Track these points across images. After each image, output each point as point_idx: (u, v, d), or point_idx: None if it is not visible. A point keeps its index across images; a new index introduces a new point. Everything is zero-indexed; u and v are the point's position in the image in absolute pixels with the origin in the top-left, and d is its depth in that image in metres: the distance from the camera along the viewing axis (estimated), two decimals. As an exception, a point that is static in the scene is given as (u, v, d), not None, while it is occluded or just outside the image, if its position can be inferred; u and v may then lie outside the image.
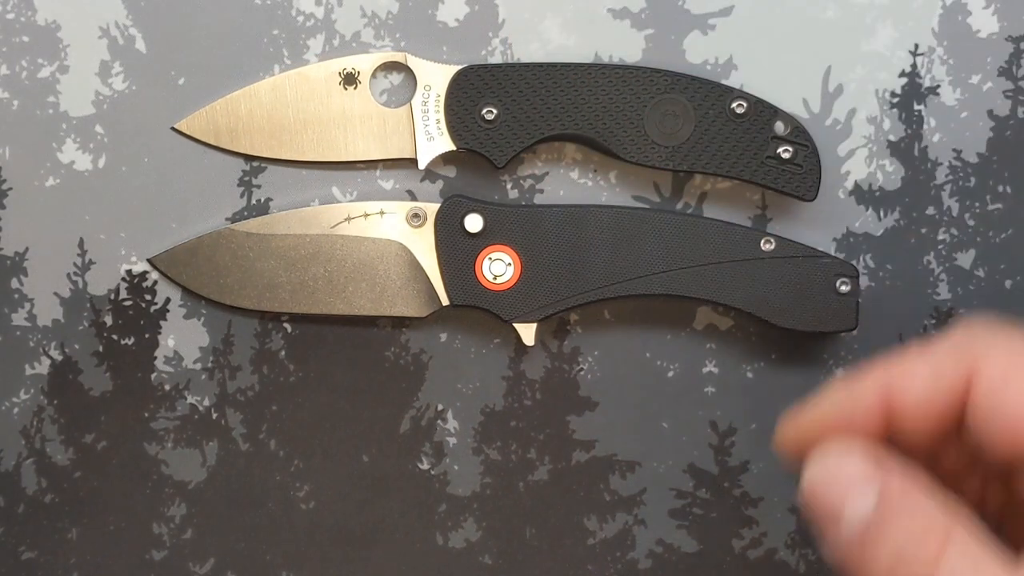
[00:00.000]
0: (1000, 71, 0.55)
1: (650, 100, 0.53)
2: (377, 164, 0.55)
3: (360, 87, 0.54)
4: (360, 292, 0.54)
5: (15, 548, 0.56)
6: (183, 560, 0.56)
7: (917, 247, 0.56)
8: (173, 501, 0.56)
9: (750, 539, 0.57)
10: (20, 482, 0.56)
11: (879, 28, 0.55)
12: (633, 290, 0.53)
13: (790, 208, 0.55)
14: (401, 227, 0.54)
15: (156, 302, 0.55)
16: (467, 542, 0.56)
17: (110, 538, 0.56)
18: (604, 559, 0.56)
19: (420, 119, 0.54)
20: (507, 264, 0.53)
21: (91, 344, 0.55)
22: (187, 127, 0.55)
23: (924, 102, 0.55)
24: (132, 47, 0.55)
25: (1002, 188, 0.55)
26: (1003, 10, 0.55)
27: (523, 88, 0.53)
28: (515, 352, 0.56)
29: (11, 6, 0.54)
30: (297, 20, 0.55)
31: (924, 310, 0.56)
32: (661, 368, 0.56)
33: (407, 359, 0.56)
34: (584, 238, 0.53)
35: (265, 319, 0.56)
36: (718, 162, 0.53)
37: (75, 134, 0.55)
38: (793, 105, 0.55)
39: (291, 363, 0.56)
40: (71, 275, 0.55)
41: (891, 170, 0.55)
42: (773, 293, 0.53)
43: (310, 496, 0.56)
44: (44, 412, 0.55)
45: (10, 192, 0.55)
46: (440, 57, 0.55)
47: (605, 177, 0.55)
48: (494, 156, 0.54)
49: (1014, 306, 0.56)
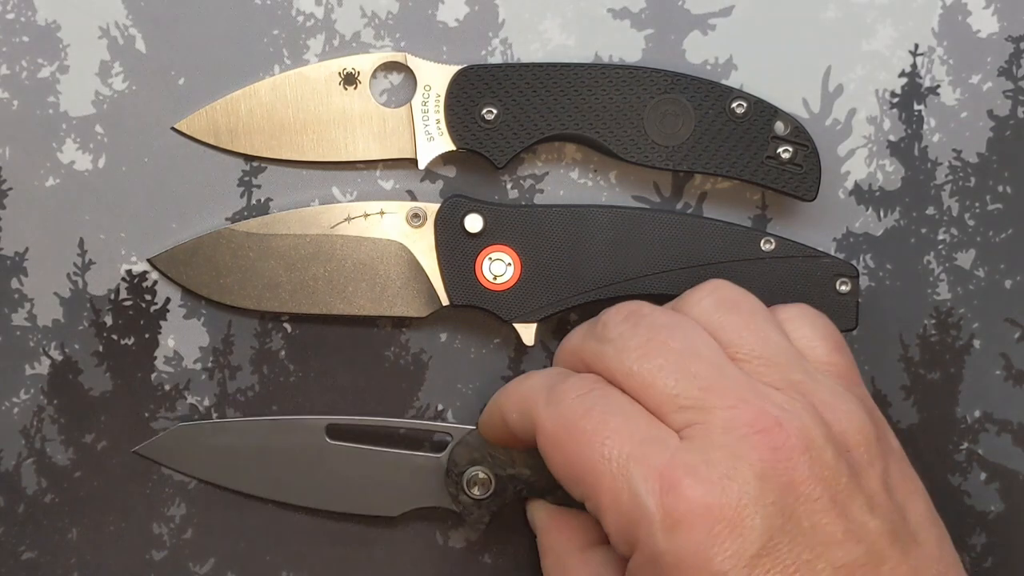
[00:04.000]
0: (1000, 71, 0.55)
1: (650, 100, 0.53)
2: (377, 164, 0.55)
3: (360, 87, 0.54)
4: (360, 292, 0.54)
5: (15, 548, 0.56)
6: (183, 560, 0.56)
7: (917, 247, 0.56)
8: (173, 501, 0.56)
9: (750, 539, 0.56)
10: (20, 482, 0.56)
11: (879, 28, 0.55)
12: (633, 290, 0.53)
13: (790, 208, 0.55)
14: (401, 227, 0.54)
15: (156, 302, 0.55)
16: (467, 542, 0.56)
17: (110, 538, 0.56)
18: (604, 559, 0.56)
19: (420, 119, 0.54)
20: (507, 264, 0.53)
21: (91, 344, 0.55)
22: (187, 127, 0.55)
23: (924, 102, 0.55)
24: (132, 47, 0.55)
25: (1002, 188, 0.55)
26: (1003, 10, 0.55)
27: (523, 88, 0.53)
28: (515, 352, 0.56)
29: (11, 6, 0.54)
30: (297, 20, 0.55)
31: (924, 310, 0.56)
32: (661, 368, 0.56)
33: (407, 359, 0.56)
34: (584, 238, 0.53)
35: (265, 319, 0.56)
36: (718, 162, 0.53)
37: (75, 134, 0.55)
38: (793, 105, 0.55)
39: (291, 363, 0.56)
40: (71, 275, 0.55)
41: (891, 170, 0.55)
42: (773, 293, 0.53)
43: (310, 496, 0.56)
44: (44, 412, 0.55)
45: (10, 192, 0.55)
46: (440, 57, 0.55)
47: (605, 177, 0.55)
48: (494, 156, 0.54)
49: (1014, 306, 0.56)
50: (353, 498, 0.54)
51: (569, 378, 0.46)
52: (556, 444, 0.45)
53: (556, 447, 0.45)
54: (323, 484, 0.54)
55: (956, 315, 0.56)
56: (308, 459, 0.54)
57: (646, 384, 0.44)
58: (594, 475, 0.43)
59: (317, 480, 0.54)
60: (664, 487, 0.42)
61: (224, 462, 0.54)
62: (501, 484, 0.52)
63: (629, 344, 0.45)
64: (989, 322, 0.56)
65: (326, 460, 0.54)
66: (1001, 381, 0.56)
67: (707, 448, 0.42)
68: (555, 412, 0.45)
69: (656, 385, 0.44)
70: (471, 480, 0.52)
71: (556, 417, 0.45)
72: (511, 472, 0.52)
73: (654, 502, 0.42)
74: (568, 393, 0.46)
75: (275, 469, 0.54)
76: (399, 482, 0.53)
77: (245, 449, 0.54)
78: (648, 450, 0.43)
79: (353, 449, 0.54)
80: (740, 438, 0.42)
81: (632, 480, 0.42)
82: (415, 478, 0.53)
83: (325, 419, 0.54)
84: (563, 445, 0.45)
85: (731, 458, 0.42)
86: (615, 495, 0.43)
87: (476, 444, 0.52)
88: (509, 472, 0.52)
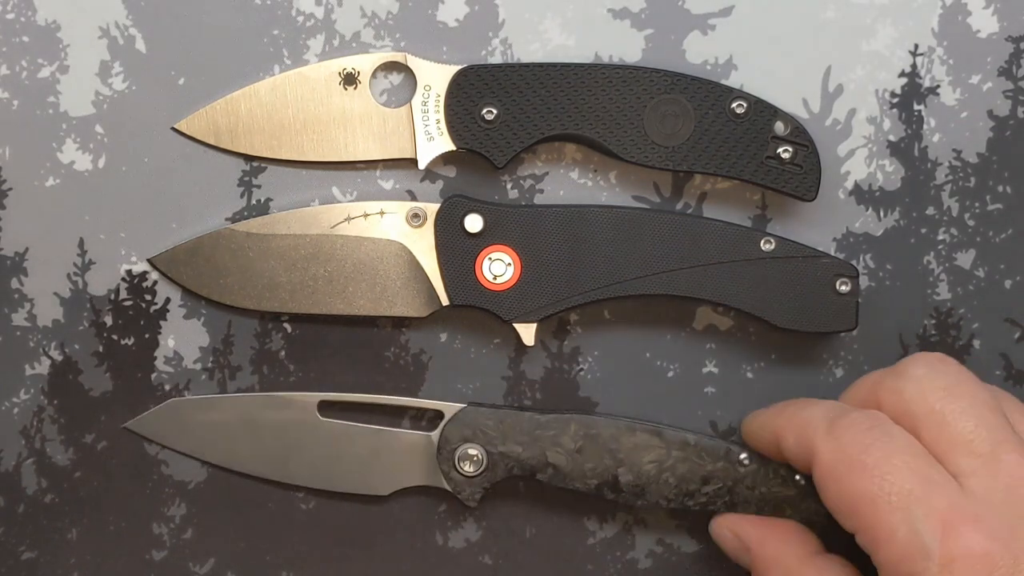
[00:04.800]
0: (1000, 71, 0.55)
1: (650, 100, 0.53)
2: (377, 164, 0.55)
3: (360, 87, 0.54)
4: (360, 292, 0.54)
5: (15, 548, 0.56)
6: (183, 560, 0.56)
7: (917, 247, 0.56)
8: (173, 501, 0.56)
9: (750, 539, 0.57)
10: (20, 482, 0.56)
11: (879, 28, 0.55)
12: (633, 290, 0.53)
13: (790, 208, 0.55)
14: (401, 227, 0.54)
15: (156, 302, 0.55)
16: (467, 542, 0.56)
17: (110, 538, 0.56)
18: (604, 559, 0.56)
19: (420, 119, 0.54)
20: (507, 264, 0.53)
21: (91, 344, 0.55)
22: (187, 127, 0.55)
23: (924, 102, 0.55)
24: (132, 47, 0.55)
25: (1002, 188, 0.55)
26: (1003, 10, 0.55)
27: (523, 88, 0.53)
28: (515, 352, 0.56)
29: (11, 6, 0.54)
30: (297, 20, 0.55)
31: (924, 310, 0.56)
32: (661, 368, 0.56)
33: (407, 359, 0.56)
34: (584, 238, 0.53)
35: (265, 319, 0.56)
36: (718, 162, 0.53)
37: (75, 134, 0.55)
38: (793, 105, 0.55)
39: (291, 363, 0.56)
40: (71, 275, 0.55)
41: (891, 170, 0.55)
42: (773, 293, 0.53)
43: (310, 496, 0.56)
44: (44, 412, 0.55)
45: (10, 192, 0.55)
46: (440, 57, 0.55)
47: (605, 177, 0.55)
48: (494, 156, 0.54)
49: (1014, 306, 0.56)
50: (344, 476, 0.54)
51: (851, 412, 0.48)
52: (834, 476, 0.47)
53: (833, 479, 0.47)
54: (314, 461, 0.54)
55: (956, 315, 0.56)
56: (299, 436, 0.54)
57: (943, 424, 0.46)
58: (872, 509, 0.45)
59: (308, 457, 0.54)
60: (945, 529, 0.44)
61: (215, 438, 0.54)
62: (492, 460, 0.53)
63: (936, 383, 0.48)
64: (989, 322, 0.56)
65: (317, 437, 0.54)
66: (1001, 381, 0.56)
67: (990, 499, 0.45)
68: (835, 445, 0.47)
69: (954, 427, 0.46)
70: (463, 456, 0.53)
71: (836, 450, 0.47)
72: (502, 449, 0.53)
73: (934, 542, 0.44)
74: (850, 428, 0.47)
75: (266, 446, 0.54)
76: (390, 460, 0.54)
77: (236, 425, 0.54)
78: (930, 490, 0.45)
79: (345, 426, 0.54)
80: (1021, 498, 0.45)
81: (913, 518, 0.44)
82: (406, 456, 0.54)
83: (317, 395, 0.54)
84: (841, 478, 0.46)
85: (1014, 516, 0.44)
86: (892, 530, 0.44)
87: (468, 421, 0.53)
88: (500, 449, 0.53)
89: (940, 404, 0.47)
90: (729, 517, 0.53)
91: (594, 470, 0.53)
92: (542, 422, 0.53)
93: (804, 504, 0.52)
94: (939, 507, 0.44)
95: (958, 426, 0.46)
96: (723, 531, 0.53)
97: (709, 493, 0.53)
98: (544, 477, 0.53)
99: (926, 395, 0.47)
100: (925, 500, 0.44)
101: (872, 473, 0.45)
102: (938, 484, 0.45)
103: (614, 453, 0.53)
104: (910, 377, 0.48)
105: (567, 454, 0.53)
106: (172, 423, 0.55)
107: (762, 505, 0.52)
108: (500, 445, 0.53)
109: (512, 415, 0.53)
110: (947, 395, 0.47)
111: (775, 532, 0.52)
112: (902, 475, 0.45)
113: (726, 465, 0.53)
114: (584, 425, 0.53)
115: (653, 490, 0.53)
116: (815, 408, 0.50)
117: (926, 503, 0.44)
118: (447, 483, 0.54)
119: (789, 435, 0.50)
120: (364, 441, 0.54)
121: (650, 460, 0.53)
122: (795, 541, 0.52)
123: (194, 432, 0.55)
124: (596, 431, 0.53)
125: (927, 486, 0.45)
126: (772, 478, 0.52)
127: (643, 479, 0.53)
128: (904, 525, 0.44)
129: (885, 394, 0.48)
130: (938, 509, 0.44)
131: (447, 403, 0.54)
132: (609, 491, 0.53)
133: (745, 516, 0.53)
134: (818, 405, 0.50)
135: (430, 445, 0.54)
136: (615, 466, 0.53)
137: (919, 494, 0.44)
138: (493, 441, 0.53)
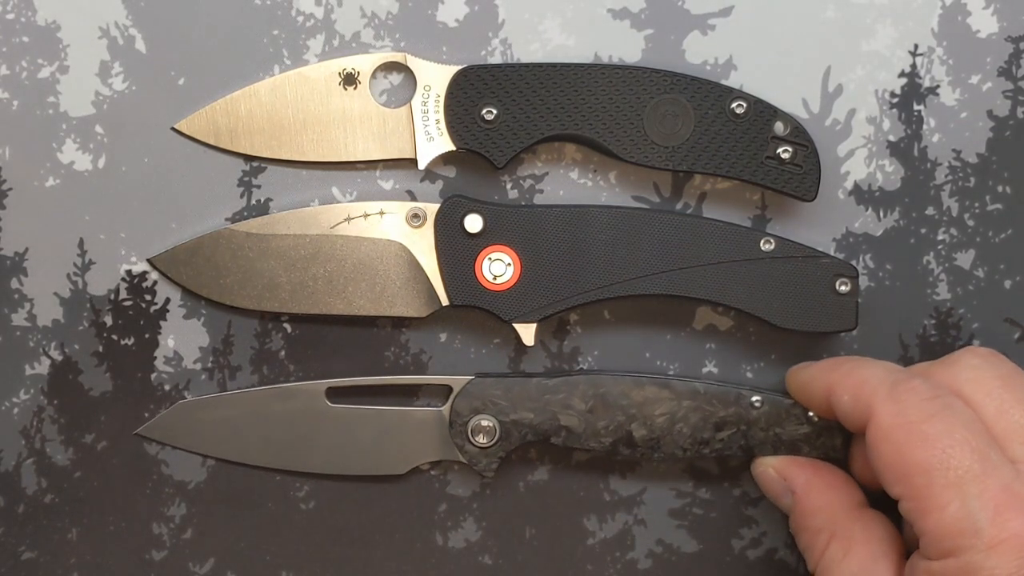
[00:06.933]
0: (1000, 71, 0.55)
1: (650, 100, 0.53)
2: (377, 164, 0.55)
3: (360, 87, 0.54)
4: (360, 292, 0.54)
5: (15, 548, 0.56)
6: (183, 560, 0.56)
7: (917, 247, 0.56)
8: (173, 501, 0.56)
9: (750, 539, 0.57)
10: (20, 482, 0.56)
11: (879, 28, 0.55)
12: (633, 290, 0.53)
13: (790, 208, 0.55)
14: (401, 227, 0.54)
15: (156, 302, 0.55)
16: (467, 542, 0.56)
17: (110, 538, 0.56)
18: (604, 559, 0.56)
19: (420, 119, 0.54)
20: (507, 264, 0.53)
21: (91, 344, 0.55)
22: (187, 127, 0.55)
23: (924, 102, 0.55)
24: (132, 47, 0.55)
25: (1002, 188, 0.55)
26: (1003, 10, 0.55)
27: (523, 88, 0.53)
28: (515, 352, 0.56)
29: (11, 6, 0.54)
30: (297, 20, 0.55)
31: (924, 310, 0.56)
32: (661, 368, 0.56)
33: (407, 359, 0.56)
34: (584, 238, 0.53)
35: (265, 319, 0.56)
36: (718, 162, 0.53)
37: (75, 134, 0.55)
38: (793, 105, 0.55)
39: (291, 363, 0.56)
40: (71, 275, 0.55)
41: (891, 170, 0.55)
42: (773, 293, 0.53)
43: (310, 496, 0.56)
44: (44, 412, 0.55)
45: (10, 192, 0.55)
46: (440, 57, 0.55)
47: (605, 177, 0.55)
48: (494, 156, 0.54)
49: (1014, 306, 0.56)
50: (358, 459, 0.54)
51: (914, 378, 0.47)
52: (891, 440, 0.46)
53: (890, 443, 0.46)
54: (327, 448, 0.54)
55: (956, 315, 0.56)
56: (310, 424, 0.54)
57: (1001, 410, 0.47)
58: (926, 480, 0.45)
59: (321, 444, 0.54)
60: (997, 510, 0.44)
61: (226, 435, 0.55)
62: (505, 429, 0.53)
63: (991, 372, 0.48)
64: (989, 322, 0.56)
65: (328, 423, 0.54)
66: (1001, 381, 0.56)
67: None
68: (896, 409, 0.46)
69: (1011, 414, 0.47)
70: (475, 428, 0.53)
71: (897, 414, 0.46)
72: (514, 417, 0.53)
73: (985, 521, 0.44)
74: (914, 393, 0.47)
75: (279, 437, 0.54)
76: (403, 439, 0.54)
77: (246, 421, 0.54)
78: (987, 470, 0.44)
79: (354, 410, 0.54)
80: None
81: (967, 495, 0.44)
82: (419, 433, 0.54)
83: (324, 383, 0.54)
84: (898, 443, 0.46)
85: None
86: (943, 505, 0.44)
87: (477, 393, 0.53)
88: (512, 417, 0.53)
89: (997, 392, 0.47)
90: (774, 458, 0.53)
91: (607, 428, 0.53)
92: (550, 386, 0.53)
93: (820, 440, 0.52)
94: (993, 488, 0.44)
95: (1015, 414, 0.46)
96: (767, 470, 0.53)
97: (724, 439, 0.53)
98: (558, 440, 0.53)
99: (983, 382, 0.47)
100: (981, 479, 0.44)
101: (933, 444, 0.45)
102: (996, 466, 0.45)
103: (625, 409, 0.53)
104: (966, 365, 0.48)
105: (579, 415, 0.53)
106: (182, 425, 0.55)
107: (778, 445, 0.53)
108: (511, 414, 0.53)
109: (520, 383, 0.53)
110: (1003, 384, 0.47)
111: (822, 478, 0.52)
112: (963, 451, 0.45)
113: (738, 409, 0.53)
114: (593, 385, 0.53)
115: (668, 442, 0.53)
116: (875, 368, 0.49)
117: (982, 482, 0.44)
118: (462, 456, 0.54)
119: (843, 392, 0.49)
120: (375, 423, 0.54)
121: (661, 413, 0.53)
122: (842, 489, 0.51)
123: (204, 431, 0.55)
124: (605, 389, 0.53)
125: (985, 465, 0.44)
126: (786, 418, 0.52)
127: (657, 432, 0.53)
128: (957, 501, 0.44)
129: (939, 380, 0.48)
130: (992, 490, 0.44)
131: (454, 377, 0.54)
132: (624, 447, 0.53)
133: (791, 457, 0.52)
134: (877, 365, 0.49)
135: (442, 420, 0.54)
136: (628, 422, 0.53)
137: (977, 472, 0.44)
138: (504, 410, 0.53)
